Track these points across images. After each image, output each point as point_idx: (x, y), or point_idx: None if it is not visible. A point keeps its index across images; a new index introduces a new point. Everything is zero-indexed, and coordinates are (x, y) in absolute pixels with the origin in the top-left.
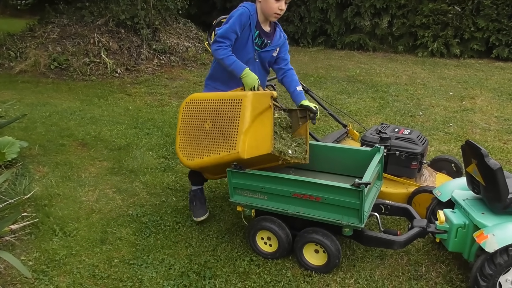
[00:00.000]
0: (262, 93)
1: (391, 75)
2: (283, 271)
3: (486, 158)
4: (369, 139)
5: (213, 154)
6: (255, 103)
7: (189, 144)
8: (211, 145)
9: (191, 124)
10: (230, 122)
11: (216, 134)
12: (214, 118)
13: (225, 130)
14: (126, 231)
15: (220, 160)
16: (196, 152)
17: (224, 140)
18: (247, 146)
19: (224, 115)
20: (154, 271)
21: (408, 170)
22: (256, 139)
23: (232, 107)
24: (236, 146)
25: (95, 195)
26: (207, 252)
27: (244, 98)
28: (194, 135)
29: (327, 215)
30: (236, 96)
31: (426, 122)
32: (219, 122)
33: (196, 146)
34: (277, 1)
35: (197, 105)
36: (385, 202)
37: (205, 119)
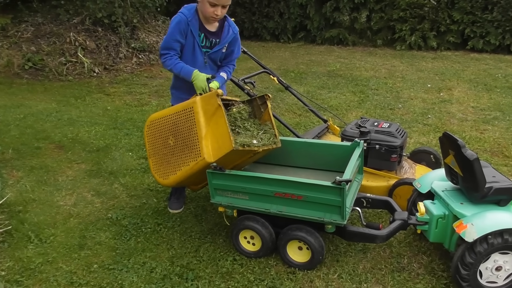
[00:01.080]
0: (208, 95)
1: (371, 69)
2: (266, 269)
3: (463, 149)
4: (349, 134)
5: (183, 167)
6: (205, 106)
7: (161, 164)
8: (179, 159)
9: (157, 144)
10: (188, 132)
11: (181, 147)
12: (175, 132)
13: (187, 141)
14: (106, 235)
15: (192, 171)
16: (169, 170)
17: (189, 151)
18: (211, 149)
19: (182, 126)
20: (135, 275)
21: (388, 163)
22: (217, 140)
23: (186, 117)
24: (201, 153)
25: (73, 199)
26: (189, 253)
27: (193, 105)
28: (162, 154)
29: (309, 213)
30: (187, 106)
31: (405, 114)
32: (180, 135)
33: (167, 164)
34: (213, 6)
35: (157, 125)
36: (366, 195)
37: (167, 136)
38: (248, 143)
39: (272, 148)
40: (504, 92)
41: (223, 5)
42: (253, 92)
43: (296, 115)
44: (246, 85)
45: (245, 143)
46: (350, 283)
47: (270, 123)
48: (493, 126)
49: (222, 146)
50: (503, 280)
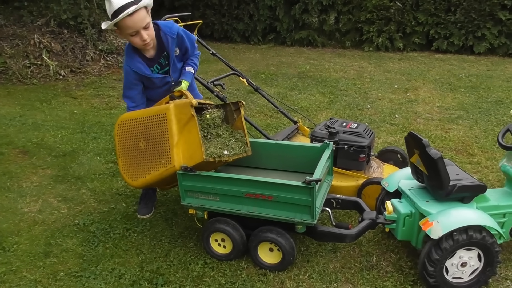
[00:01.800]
0: (182, 103)
1: (340, 70)
2: (237, 272)
3: (427, 148)
4: (319, 135)
5: (153, 171)
6: (179, 115)
7: (130, 165)
8: (149, 163)
9: (128, 145)
10: (160, 138)
11: (151, 152)
12: (146, 136)
13: (158, 146)
14: (73, 241)
15: (161, 176)
16: (138, 172)
17: (159, 156)
18: (182, 157)
19: (153, 131)
20: (103, 282)
21: (357, 163)
22: (189, 149)
23: (158, 122)
24: (171, 160)
25: (38, 206)
26: (159, 258)
27: (167, 112)
28: (132, 156)
29: (279, 213)
30: (160, 111)
31: (373, 114)
32: (151, 140)
33: (137, 166)
34: (134, 35)
35: (128, 126)
36: (336, 196)
37: (138, 138)
38: (219, 154)
39: (242, 156)
40: (467, 92)
41: (144, 27)
42: (222, 94)
43: (266, 117)
44: (216, 87)
45: (215, 154)
46: (321, 283)
47: (242, 131)
48: (457, 125)
49: (193, 156)
50: (468, 276)
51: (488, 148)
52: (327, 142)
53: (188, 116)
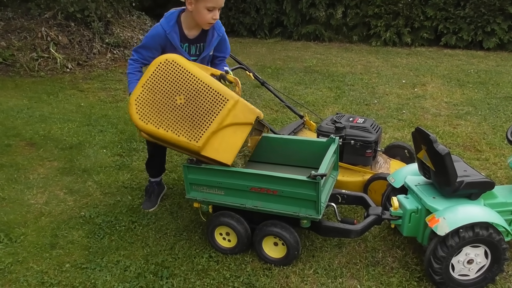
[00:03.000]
0: (250, 108)
1: (347, 64)
2: (242, 266)
3: (435, 144)
4: (325, 129)
5: (171, 131)
6: (239, 113)
7: (150, 105)
8: (174, 122)
9: (161, 87)
10: (205, 113)
11: (185, 115)
12: (190, 97)
13: (196, 117)
14: (79, 233)
15: (175, 141)
16: (154, 118)
17: (190, 126)
18: (209, 145)
19: (202, 102)
20: (108, 274)
21: (363, 158)
22: (221, 143)
23: (214, 100)
24: (200, 139)
25: (45, 197)
26: (164, 251)
27: (231, 101)
28: (159, 100)
29: (284, 208)
30: (224, 93)
31: (380, 110)
32: (193, 105)
33: (157, 112)
34: (210, 11)
35: (177, 72)
36: (341, 191)
37: (179, 91)
38: (237, 163)
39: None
40: (476, 88)
41: (220, 7)
42: None
43: (273, 111)
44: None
45: (235, 162)
46: (326, 278)
47: (251, 151)
48: (465, 121)
49: (221, 153)
50: (475, 273)
51: (496, 145)
52: (333, 137)
53: (245, 121)
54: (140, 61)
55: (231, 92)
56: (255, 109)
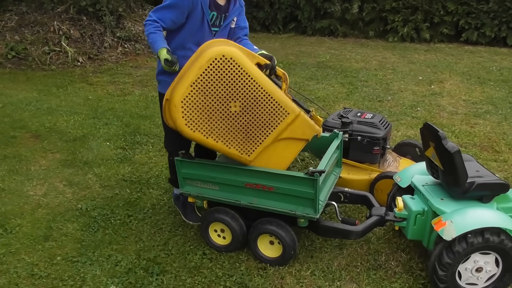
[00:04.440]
0: (310, 124)
1: (361, 60)
2: (236, 265)
3: (443, 141)
4: (331, 124)
5: (221, 142)
6: (297, 129)
7: (200, 110)
8: (226, 132)
9: (215, 90)
10: (262, 125)
11: (239, 125)
12: (247, 106)
13: (252, 129)
14: (73, 226)
15: (224, 151)
16: (203, 126)
17: (244, 138)
18: (260, 157)
19: (260, 112)
20: (98, 269)
21: (370, 156)
22: (271, 156)
23: (274, 111)
24: (252, 154)
25: (44, 189)
26: (157, 246)
27: (292, 115)
28: (211, 105)
29: (281, 205)
30: (286, 106)
31: (394, 107)
32: (250, 115)
33: (208, 119)
34: None
35: (235, 73)
36: (344, 190)
37: (235, 97)
38: None
39: None
40: (497, 86)
41: None
42: None
43: None
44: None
45: None
46: (323, 280)
47: None
48: (484, 120)
49: (270, 165)
50: (484, 282)
51: None
52: (336, 132)
53: (302, 137)
54: (159, 24)
55: (292, 104)
56: (315, 126)
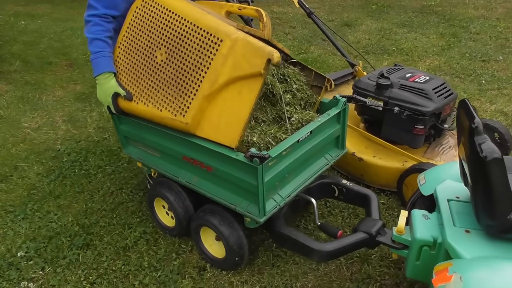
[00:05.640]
0: (256, 46)
1: (483, 6)
2: (172, 256)
3: (477, 137)
4: (363, 86)
5: (151, 105)
6: (240, 59)
7: (127, 72)
8: (155, 90)
9: (138, 42)
10: (192, 69)
11: (167, 78)
12: (173, 49)
13: (181, 78)
14: (37, 169)
15: (157, 119)
16: (132, 91)
17: (175, 93)
18: (205, 120)
19: (188, 52)
20: (26, 226)
21: (410, 136)
22: (221, 114)
23: (203, 44)
24: (187, 113)
25: (40, 123)
26: (103, 211)
27: (226, 41)
28: (136, 62)
29: (221, 193)
30: (217, 32)
31: (501, 70)
32: (176, 60)
33: (135, 80)
34: None
35: (158, 15)
36: (341, 182)
37: (159, 43)
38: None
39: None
40: None
41: None
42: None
43: (325, 52)
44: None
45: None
46: None
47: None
48: None
49: (222, 130)
50: None
51: None
52: (337, 97)
53: (251, 70)
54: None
55: (227, 27)
56: (265, 48)
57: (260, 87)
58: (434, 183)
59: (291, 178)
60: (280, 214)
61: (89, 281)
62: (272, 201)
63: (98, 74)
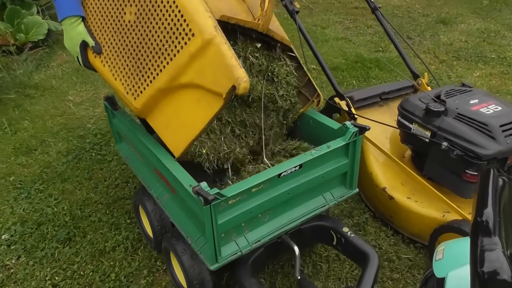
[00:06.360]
0: (227, 64)
1: None
2: (143, 273)
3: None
4: (410, 108)
5: (108, 67)
6: (206, 68)
7: (95, 17)
8: (115, 53)
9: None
10: (155, 50)
11: (130, 44)
12: (141, 14)
13: (143, 54)
14: (60, 147)
15: (115, 90)
16: (99, 39)
17: (132, 68)
18: (158, 112)
19: (155, 26)
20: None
21: (458, 182)
22: (176, 115)
23: (175, 28)
24: (139, 98)
25: (84, 97)
26: (99, 204)
27: (198, 37)
28: (106, 9)
29: (183, 222)
30: (191, 21)
31: None
32: (142, 29)
33: (101, 31)
34: None
35: None
36: (339, 229)
37: (128, 2)
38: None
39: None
40: None
41: None
42: (293, 5)
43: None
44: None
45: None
46: None
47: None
48: None
49: (170, 134)
50: None
51: None
52: (347, 125)
53: (214, 89)
54: None
55: (207, 21)
56: (235, 70)
57: (219, 109)
58: (451, 264)
59: (267, 219)
60: (248, 260)
61: (53, 282)
62: (233, 244)
63: (63, 18)
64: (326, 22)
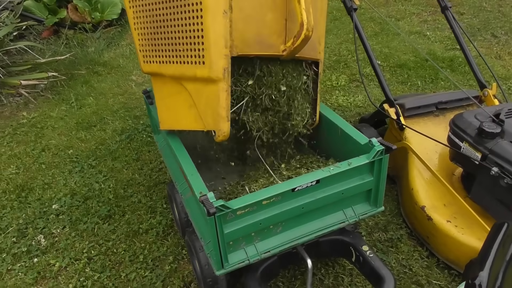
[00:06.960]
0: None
1: None
2: (169, 259)
3: None
4: (462, 125)
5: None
6: (201, 98)
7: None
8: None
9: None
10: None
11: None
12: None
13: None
14: (116, 125)
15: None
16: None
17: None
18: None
19: (177, 25)
20: (76, 180)
21: (505, 212)
22: (171, 101)
23: (192, 45)
24: (146, 63)
25: (147, 77)
26: (141, 186)
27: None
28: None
29: (198, 222)
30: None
31: None
32: (169, 20)
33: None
34: None
35: None
36: (359, 247)
37: None
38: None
39: None
40: None
41: None
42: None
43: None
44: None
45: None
46: None
47: None
48: None
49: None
50: None
51: None
52: (372, 142)
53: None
54: None
55: (222, 62)
56: (220, 119)
57: (198, 130)
58: None
59: (280, 230)
60: (259, 268)
61: (89, 255)
62: (241, 252)
63: None
64: (402, 13)
